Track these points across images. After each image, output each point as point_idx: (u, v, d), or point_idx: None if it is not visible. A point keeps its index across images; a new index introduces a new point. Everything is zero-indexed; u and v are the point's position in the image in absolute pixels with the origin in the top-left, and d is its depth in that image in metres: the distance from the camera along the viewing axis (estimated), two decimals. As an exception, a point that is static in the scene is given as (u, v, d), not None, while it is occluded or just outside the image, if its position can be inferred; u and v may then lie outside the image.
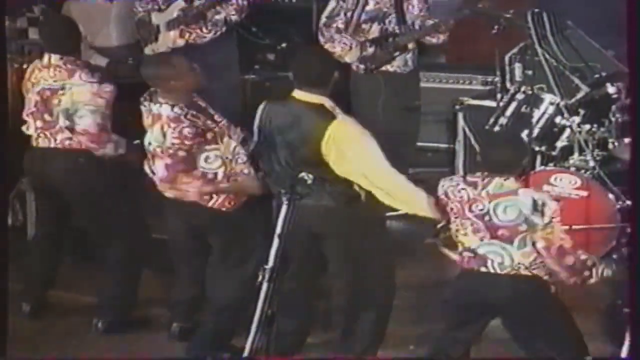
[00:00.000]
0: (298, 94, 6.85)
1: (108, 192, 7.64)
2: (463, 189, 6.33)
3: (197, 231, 7.19)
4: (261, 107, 6.99)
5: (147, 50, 9.11)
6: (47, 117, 7.65)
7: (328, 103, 6.76)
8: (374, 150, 6.67)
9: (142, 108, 7.19)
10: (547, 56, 8.80)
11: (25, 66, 8.65)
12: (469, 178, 6.38)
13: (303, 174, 6.47)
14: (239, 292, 7.01)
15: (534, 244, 6.26)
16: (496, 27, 8.92)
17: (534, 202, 6.24)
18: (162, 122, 7.02)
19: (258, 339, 5.86)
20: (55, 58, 7.65)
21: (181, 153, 6.94)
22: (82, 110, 7.51)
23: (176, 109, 6.99)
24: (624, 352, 5.74)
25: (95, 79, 7.57)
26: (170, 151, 6.96)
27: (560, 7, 9.19)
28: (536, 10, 8.90)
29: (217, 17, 9.02)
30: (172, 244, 7.42)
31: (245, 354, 5.87)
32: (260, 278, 5.91)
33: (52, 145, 7.67)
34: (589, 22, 9.12)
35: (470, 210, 6.31)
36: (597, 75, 8.68)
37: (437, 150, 9.67)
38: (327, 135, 6.62)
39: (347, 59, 8.91)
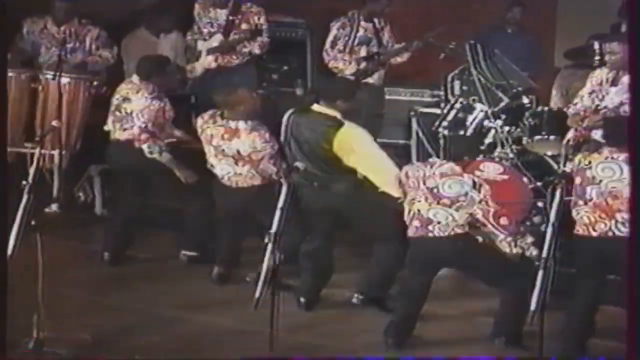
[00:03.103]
0: (316, 107, 6.89)
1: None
2: (420, 169, 6.46)
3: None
4: (287, 116, 6.97)
5: (188, 68, 9.11)
6: (117, 114, 7.65)
7: (338, 115, 6.82)
8: (372, 146, 6.84)
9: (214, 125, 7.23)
10: (480, 76, 8.77)
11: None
12: (429, 161, 6.54)
13: (297, 163, 6.51)
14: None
15: (471, 214, 6.36)
16: (442, 54, 8.97)
17: (474, 182, 6.39)
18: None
19: (266, 286, 5.83)
20: (135, 78, 7.69)
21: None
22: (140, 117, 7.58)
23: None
24: (534, 299, 5.66)
25: None
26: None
27: (490, 41, 9.13)
28: (472, 42, 8.85)
29: (244, 49, 9.03)
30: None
31: (256, 296, 5.83)
32: (266, 240, 5.88)
33: (122, 137, 7.63)
34: (510, 52, 9.09)
35: (424, 184, 6.40)
36: (515, 90, 8.65)
37: (397, 146, 9.64)
38: (338, 137, 6.71)
39: (347, 72, 9.01)
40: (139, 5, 10.17)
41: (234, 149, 7.12)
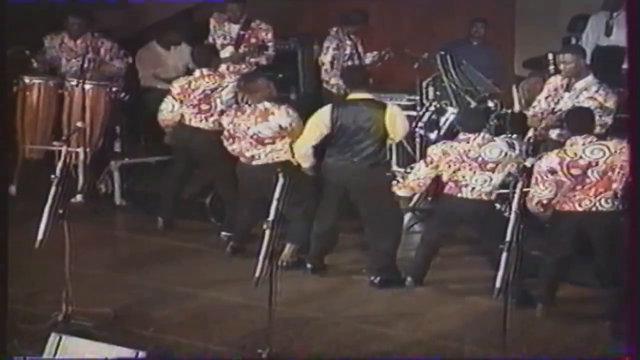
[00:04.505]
0: (353, 95, 7.00)
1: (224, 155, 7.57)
2: (459, 146, 6.61)
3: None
4: (329, 110, 6.95)
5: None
6: (204, 106, 7.67)
7: (374, 97, 7.01)
8: (405, 121, 7.11)
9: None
10: (450, 83, 8.75)
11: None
12: (461, 137, 6.67)
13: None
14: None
15: (509, 172, 6.58)
16: (417, 64, 8.93)
17: (507, 143, 6.64)
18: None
19: (266, 267, 5.74)
20: (205, 70, 7.73)
21: None
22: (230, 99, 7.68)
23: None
24: (499, 279, 5.56)
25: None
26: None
27: (458, 53, 9.08)
28: (442, 53, 8.81)
29: (252, 60, 9.03)
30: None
31: (256, 275, 5.74)
32: (264, 227, 5.79)
33: (201, 125, 7.69)
34: (475, 62, 9.03)
35: (467, 157, 6.56)
36: (481, 95, 8.65)
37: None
38: (388, 114, 6.88)
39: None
40: (150, 21, 10.11)
41: (274, 126, 7.10)
